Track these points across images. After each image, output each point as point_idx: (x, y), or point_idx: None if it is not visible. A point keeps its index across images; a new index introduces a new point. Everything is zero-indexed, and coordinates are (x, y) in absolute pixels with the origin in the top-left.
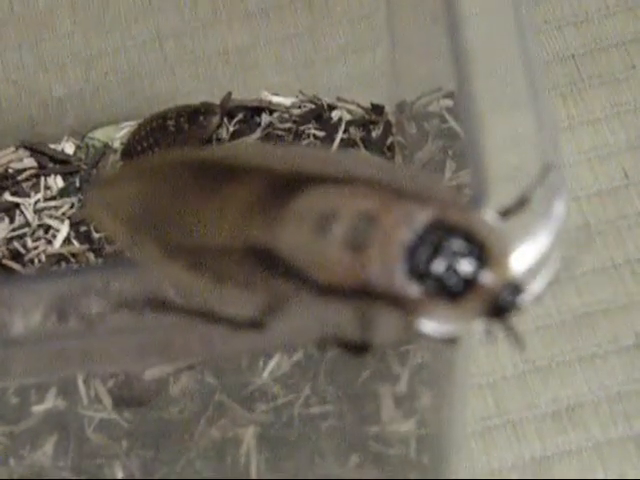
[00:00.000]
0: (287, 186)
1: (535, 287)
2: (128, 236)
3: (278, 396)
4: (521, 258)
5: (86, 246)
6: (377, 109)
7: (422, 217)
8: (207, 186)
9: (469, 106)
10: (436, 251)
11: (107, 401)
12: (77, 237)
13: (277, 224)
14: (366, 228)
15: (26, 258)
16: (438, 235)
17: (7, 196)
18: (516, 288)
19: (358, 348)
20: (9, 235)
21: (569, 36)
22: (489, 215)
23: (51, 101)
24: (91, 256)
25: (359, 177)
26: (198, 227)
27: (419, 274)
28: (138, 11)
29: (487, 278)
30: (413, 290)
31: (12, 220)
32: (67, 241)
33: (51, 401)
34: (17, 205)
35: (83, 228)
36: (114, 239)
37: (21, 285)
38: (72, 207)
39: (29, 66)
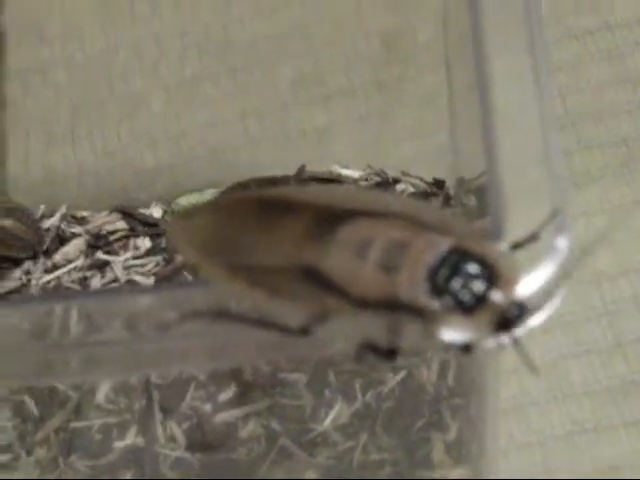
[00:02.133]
0: (333, 218)
1: (542, 310)
2: (201, 258)
3: (338, 443)
4: (528, 283)
5: None
6: (438, 183)
7: (443, 245)
8: (267, 218)
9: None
10: (454, 273)
11: (181, 441)
12: None
13: (325, 249)
14: (397, 253)
15: None
16: (456, 260)
17: (100, 254)
18: (521, 306)
19: (388, 353)
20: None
21: (622, 121)
22: (502, 246)
23: (143, 171)
24: None
25: (393, 212)
26: (258, 251)
27: (439, 291)
28: (225, 93)
29: (496, 296)
30: (434, 304)
31: (103, 276)
32: None
33: (131, 438)
34: (108, 263)
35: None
36: (189, 261)
37: (112, 297)
38: (157, 265)
39: (125, 139)
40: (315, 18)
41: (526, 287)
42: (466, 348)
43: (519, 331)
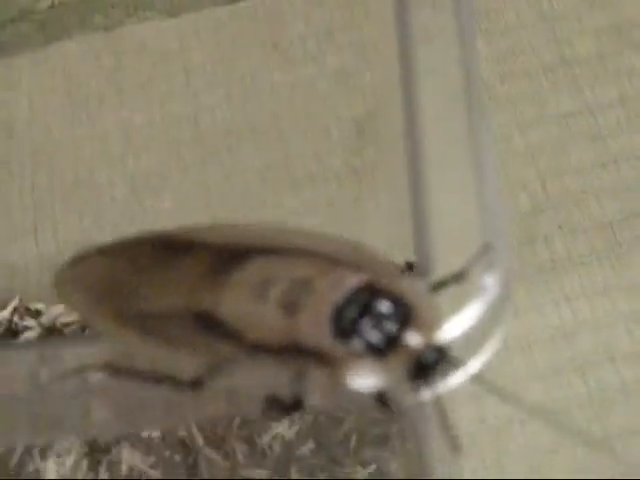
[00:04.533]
0: (232, 258)
1: (473, 360)
2: (88, 307)
3: None
4: (451, 326)
5: None
6: (409, 265)
7: (353, 281)
8: (158, 260)
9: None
10: (363, 312)
11: None
12: None
13: (219, 291)
14: (300, 291)
15: None
16: (366, 298)
17: None
18: (439, 350)
19: (292, 405)
20: None
21: (606, 204)
22: (421, 284)
23: None
24: None
25: (297, 247)
26: (150, 296)
27: (346, 333)
28: (192, 183)
29: (410, 338)
30: (339, 348)
31: None
32: None
33: None
34: None
35: None
36: (76, 311)
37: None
38: None
39: (88, 230)
40: (286, 107)
41: (450, 330)
42: (381, 401)
43: (441, 383)
